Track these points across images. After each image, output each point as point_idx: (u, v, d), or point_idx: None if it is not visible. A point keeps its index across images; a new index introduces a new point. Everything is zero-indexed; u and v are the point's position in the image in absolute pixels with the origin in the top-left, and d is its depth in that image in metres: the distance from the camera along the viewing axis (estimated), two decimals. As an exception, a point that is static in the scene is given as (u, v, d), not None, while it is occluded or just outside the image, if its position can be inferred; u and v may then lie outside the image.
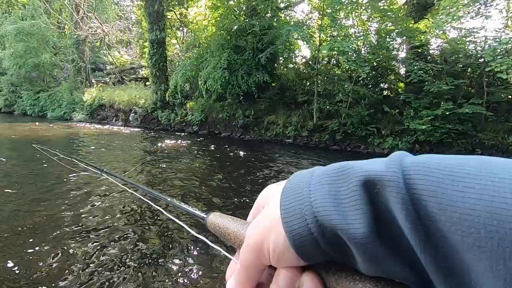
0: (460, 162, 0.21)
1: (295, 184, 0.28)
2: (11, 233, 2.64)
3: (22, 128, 10.87)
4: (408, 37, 8.24)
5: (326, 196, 0.25)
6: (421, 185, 0.21)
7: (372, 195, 0.23)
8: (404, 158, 0.24)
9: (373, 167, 0.24)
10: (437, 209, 0.20)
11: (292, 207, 0.26)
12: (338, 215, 0.24)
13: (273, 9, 10.13)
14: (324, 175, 0.27)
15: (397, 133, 8.15)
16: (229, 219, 0.38)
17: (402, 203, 0.21)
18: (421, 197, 0.21)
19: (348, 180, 0.25)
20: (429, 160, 0.22)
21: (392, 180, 0.22)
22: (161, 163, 5.92)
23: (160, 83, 12.56)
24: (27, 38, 15.51)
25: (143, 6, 14.07)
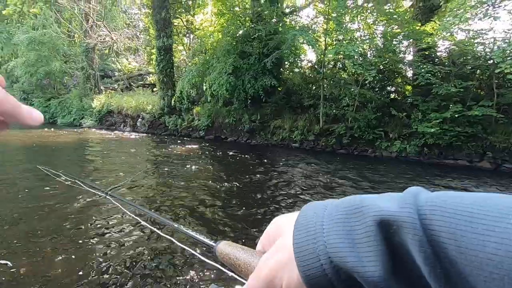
0: (477, 202, 0.20)
1: (308, 220, 0.28)
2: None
3: (31, 135, 11.10)
4: (414, 40, 8.18)
5: (340, 236, 0.25)
6: (439, 227, 0.20)
7: (387, 236, 0.23)
8: (419, 195, 0.24)
9: (388, 206, 0.24)
10: (457, 252, 0.19)
11: (306, 245, 0.26)
12: (353, 256, 0.23)
13: (278, 15, 10.19)
14: (337, 212, 0.27)
15: (405, 136, 8.06)
16: (239, 248, 0.38)
17: (419, 245, 0.21)
18: (439, 239, 0.20)
19: (362, 219, 0.25)
20: (444, 199, 0.22)
21: (408, 221, 0.22)
22: (166, 169, 5.96)
23: (167, 89, 12.71)
24: (38, 47, 15.92)
25: (150, 14, 14.34)
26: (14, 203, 3.64)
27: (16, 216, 3.23)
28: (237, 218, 3.35)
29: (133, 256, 2.52)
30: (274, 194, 4.33)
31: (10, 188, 4.24)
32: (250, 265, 0.34)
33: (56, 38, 16.59)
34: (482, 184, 5.28)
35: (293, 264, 0.26)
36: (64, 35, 17.67)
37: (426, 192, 0.25)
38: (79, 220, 3.21)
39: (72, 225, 3.07)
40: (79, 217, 3.31)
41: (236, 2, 11.58)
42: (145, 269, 2.34)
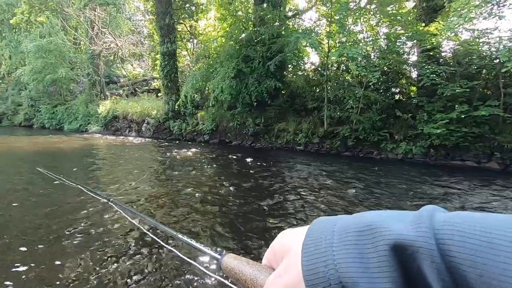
0: (496, 225, 0.19)
1: (317, 240, 0.27)
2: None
3: (38, 141, 11.26)
4: (418, 41, 8.14)
5: (352, 259, 0.24)
6: (458, 253, 0.19)
7: (402, 261, 0.22)
8: (434, 217, 0.23)
9: (402, 229, 0.23)
10: (479, 281, 0.18)
11: (316, 268, 0.25)
12: (365, 282, 0.22)
13: (281, 18, 10.23)
14: (348, 233, 0.26)
15: (410, 137, 7.98)
16: (245, 262, 0.37)
17: (437, 273, 0.20)
18: (458, 266, 0.19)
19: (375, 241, 0.23)
20: (462, 222, 0.21)
21: (424, 247, 0.21)
22: (170, 174, 5.99)
23: (171, 94, 12.81)
24: (45, 54, 16.21)
25: (154, 20, 14.52)
26: (19, 208, 3.68)
27: (19, 221, 3.27)
28: (241, 224, 3.34)
29: (132, 265, 2.50)
30: (279, 198, 4.31)
31: (15, 193, 4.30)
32: (256, 281, 0.33)
33: (62, 46, 16.88)
34: (491, 185, 5.20)
35: (301, 286, 0.26)
36: (70, 42, 17.96)
37: (441, 212, 0.23)
38: (78, 226, 3.22)
39: (71, 231, 3.09)
40: (77, 222, 3.32)
41: (239, 6, 11.66)
42: (143, 278, 2.32)
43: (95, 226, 3.23)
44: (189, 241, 0.51)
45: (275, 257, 0.32)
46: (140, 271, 2.42)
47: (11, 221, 3.31)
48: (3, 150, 8.87)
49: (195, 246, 0.49)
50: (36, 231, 3.04)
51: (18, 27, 17.64)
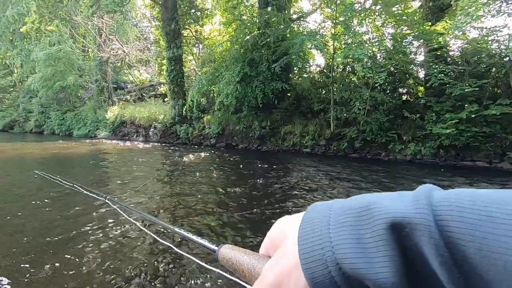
0: (496, 200, 0.19)
1: (313, 223, 0.26)
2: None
3: (48, 147, 11.46)
4: (425, 40, 8.05)
5: (349, 241, 0.24)
6: (457, 228, 0.19)
7: (400, 239, 0.22)
8: (432, 194, 0.22)
9: (400, 207, 0.22)
10: (478, 256, 0.18)
11: (312, 251, 0.25)
12: (363, 262, 0.22)
13: (286, 21, 10.26)
14: (344, 215, 0.25)
15: (419, 138, 7.87)
16: (242, 252, 0.37)
17: (436, 249, 0.20)
18: (457, 242, 0.19)
19: (372, 221, 0.23)
20: (460, 197, 0.20)
21: (422, 223, 0.21)
22: (176, 177, 6.01)
23: (178, 99, 12.93)
24: (54, 62, 16.57)
25: (160, 26, 14.73)
26: (24, 212, 3.74)
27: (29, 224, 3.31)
28: (247, 225, 3.32)
29: (131, 260, 2.53)
30: (285, 200, 4.29)
31: (24, 198, 4.37)
32: (254, 269, 0.33)
33: (71, 53, 17.24)
34: (504, 185, 5.07)
35: (299, 271, 0.25)
36: (78, 50, 18.34)
37: (439, 190, 0.23)
38: (76, 225, 3.28)
39: (70, 230, 3.13)
40: (76, 221, 3.39)
41: (244, 11, 11.75)
42: (142, 274, 2.34)
43: (93, 224, 3.30)
44: (185, 234, 0.51)
45: (272, 245, 0.32)
46: (137, 267, 2.44)
47: (16, 223, 3.36)
48: (14, 156, 9.05)
49: (192, 239, 0.49)
50: (39, 229, 3.09)
51: (28, 36, 18.09)
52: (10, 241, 2.92)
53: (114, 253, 2.68)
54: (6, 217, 3.55)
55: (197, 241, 0.48)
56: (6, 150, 10.18)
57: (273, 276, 0.27)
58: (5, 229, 3.23)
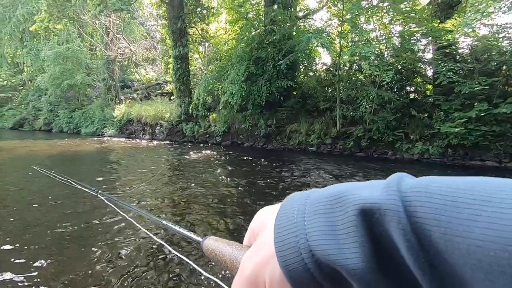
0: (463, 186, 0.20)
1: (289, 213, 0.27)
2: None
3: (56, 144, 11.63)
4: (434, 38, 7.93)
5: (322, 228, 0.24)
6: (423, 213, 0.19)
7: (370, 225, 0.22)
8: (403, 181, 0.23)
9: (370, 194, 0.23)
10: (443, 240, 0.18)
11: (287, 240, 0.25)
12: (334, 248, 0.23)
13: (292, 19, 10.21)
14: (319, 203, 0.25)
15: (427, 137, 7.77)
16: (225, 244, 0.37)
17: (403, 234, 0.20)
18: (424, 227, 0.19)
19: (344, 209, 0.23)
20: (429, 184, 0.21)
21: (391, 209, 0.21)
22: (180, 175, 6.05)
23: (184, 97, 12.98)
24: (63, 61, 16.79)
25: (166, 25, 14.79)
26: (31, 210, 3.80)
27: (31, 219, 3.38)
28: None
29: (121, 254, 2.58)
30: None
31: (32, 194, 4.44)
32: (235, 260, 0.33)
33: (79, 52, 17.44)
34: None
35: (275, 260, 0.25)
36: (86, 49, 18.54)
37: (410, 178, 0.23)
38: (70, 220, 3.35)
39: (62, 223, 3.21)
40: (70, 216, 3.46)
41: (250, 9, 11.72)
42: (129, 267, 2.37)
43: (84, 218, 3.39)
44: (172, 227, 0.52)
45: (253, 235, 0.32)
46: (122, 258, 2.50)
47: (18, 218, 3.43)
48: (22, 153, 9.21)
49: (178, 231, 0.49)
50: (35, 223, 3.15)
51: (38, 35, 18.36)
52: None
53: (99, 243, 2.76)
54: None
55: (182, 233, 0.48)
56: (17, 147, 10.36)
57: (251, 266, 0.28)
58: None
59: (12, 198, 4.30)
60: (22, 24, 19.23)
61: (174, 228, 0.52)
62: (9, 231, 3.08)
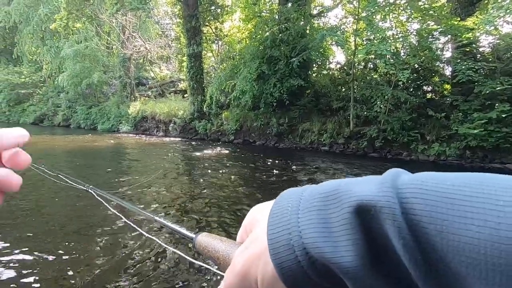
0: (459, 182, 0.19)
1: (283, 209, 0.26)
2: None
3: (74, 139, 11.99)
4: (453, 36, 7.67)
5: (315, 225, 0.23)
6: (419, 211, 0.19)
7: (365, 223, 0.21)
8: (399, 177, 0.22)
9: (366, 190, 0.22)
10: (439, 237, 0.18)
11: (280, 236, 0.25)
12: (328, 246, 0.22)
13: (306, 17, 10.11)
14: (313, 199, 0.25)
15: (444, 138, 7.55)
16: (218, 240, 0.37)
17: (398, 231, 0.19)
18: (419, 224, 0.19)
19: (339, 205, 0.23)
20: (425, 180, 0.21)
21: (386, 206, 0.20)
22: (189, 172, 6.12)
23: (197, 95, 13.11)
24: (82, 59, 17.25)
25: (181, 23, 14.95)
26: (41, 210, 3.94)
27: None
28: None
29: (113, 250, 2.64)
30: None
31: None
32: (228, 257, 0.33)
33: (96, 50, 17.86)
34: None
35: (267, 256, 0.25)
36: (103, 47, 18.98)
37: (406, 174, 0.23)
38: (61, 215, 3.47)
39: (53, 220, 3.32)
40: (61, 211, 3.59)
41: (263, 7, 11.69)
42: (122, 263, 2.41)
43: (74, 213, 3.52)
44: (164, 223, 0.52)
45: (246, 232, 0.32)
46: (113, 253, 2.55)
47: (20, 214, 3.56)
48: (44, 147, 9.55)
49: (171, 227, 0.49)
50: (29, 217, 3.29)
51: (58, 34, 18.91)
52: None
53: (88, 238, 2.86)
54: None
55: (175, 229, 0.48)
56: (37, 142, 10.75)
57: (242, 262, 0.27)
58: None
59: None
60: (44, 23, 19.87)
61: (166, 224, 0.52)
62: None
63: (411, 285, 0.20)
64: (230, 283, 0.28)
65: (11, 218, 3.30)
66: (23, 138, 0.29)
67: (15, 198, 3.92)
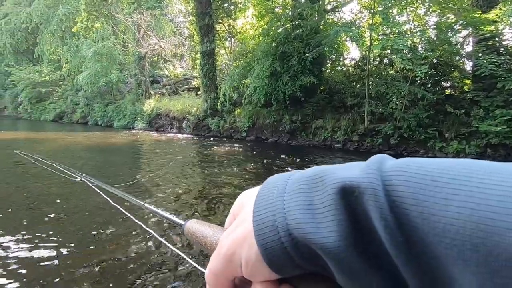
0: (444, 166, 0.19)
1: (269, 192, 0.26)
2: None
3: (92, 136, 12.35)
4: (474, 29, 7.37)
5: (300, 206, 0.23)
6: (402, 192, 0.19)
7: (348, 204, 0.22)
8: (384, 162, 0.23)
9: (350, 173, 0.22)
10: (420, 218, 0.18)
11: (265, 218, 0.25)
12: (312, 227, 0.22)
13: (320, 12, 9.96)
14: (299, 182, 0.25)
15: (463, 136, 7.30)
16: (206, 226, 0.37)
17: (380, 213, 0.20)
18: (401, 206, 0.19)
19: (324, 188, 0.23)
20: (410, 164, 0.21)
21: (370, 187, 0.21)
22: (204, 168, 6.18)
23: (210, 92, 13.20)
24: (100, 58, 17.70)
25: (194, 21, 15.05)
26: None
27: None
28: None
29: (103, 236, 2.73)
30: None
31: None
32: (215, 242, 0.33)
33: (113, 49, 18.27)
34: None
35: (252, 238, 0.25)
36: (119, 46, 19.40)
37: (392, 159, 0.23)
38: (53, 202, 3.58)
39: (47, 207, 3.43)
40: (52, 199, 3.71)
41: (277, 3, 11.60)
42: (111, 249, 2.47)
43: (70, 202, 3.61)
44: (154, 210, 0.53)
45: (234, 217, 0.32)
46: (104, 240, 2.64)
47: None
48: (63, 144, 9.90)
49: (160, 214, 0.50)
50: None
51: (78, 34, 19.47)
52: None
53: (79, 224, 2.95)
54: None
55: (164, 216, 0.48)
56: (57, 139, 11.14)
57: (228, 244, 0.27)
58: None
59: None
60: (64, 23, 20.50)
61: (156, 211, 0.52)
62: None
63: (394, 268, 0.20)
64: (215, 266, 0.28)
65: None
66: None
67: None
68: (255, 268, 0.25)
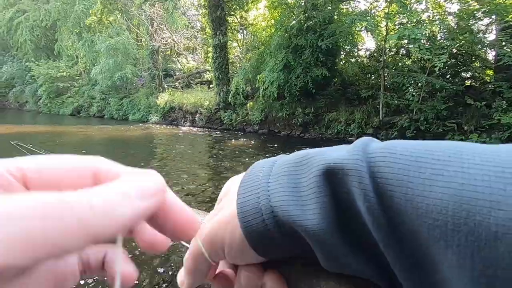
0: (429, 147, 0.19)
1: (254, 175, 0.26)
2: None
3: (108, 130, 12.67)
4: (498, 16, 7.01)
5: (285, 188, 0.23)
6: (386, 173, 0.19)
7: (333, 186, 0.21)
8: (370, 143, 0.22)
9: (336, 154, 0.22)
10: (403, 199, 0.18)
11: (249, 200, 0.24)
12: (296, 209, 0.22)
13: (333, 2, 9.71)
14: (285, 165, 0.25)
15: (484, 128, 7.03)
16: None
17: (364, 194, 0.19)
18: (385, 187, 0.19)
19: (309, 169, 0.23)
20: (395, 145, 0.21)
21: (354, 168, 0.20)
22: (215, 160, 6.23)
23: (222, 85, 13.21)
24: (114, 53, 18.00)
25: (206, 14, 15.02)
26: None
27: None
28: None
29: None
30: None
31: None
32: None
33: (127, 44, 18.53)
34: None
35: (236, 221, 0.25)
36: (133, 40, 19.64)
37: (377, 142, 0.22)
38: None
39: None
40: None
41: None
42: None
43: None
44: None
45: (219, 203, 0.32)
46: None
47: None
48: (82, 137, 10.22)
49: None
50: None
51: (93, 28, 19.84)
52: None
53: None
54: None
55: None
56: (76, 132, 11.50)
57: (209, 228, 0.27)
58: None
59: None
60: (81, 19, 20.91)
61: None
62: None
63: (377, 250, 0.20)
64: (196, 250, 0.27)
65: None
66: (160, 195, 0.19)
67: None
68: (239, 251, 0.25)
